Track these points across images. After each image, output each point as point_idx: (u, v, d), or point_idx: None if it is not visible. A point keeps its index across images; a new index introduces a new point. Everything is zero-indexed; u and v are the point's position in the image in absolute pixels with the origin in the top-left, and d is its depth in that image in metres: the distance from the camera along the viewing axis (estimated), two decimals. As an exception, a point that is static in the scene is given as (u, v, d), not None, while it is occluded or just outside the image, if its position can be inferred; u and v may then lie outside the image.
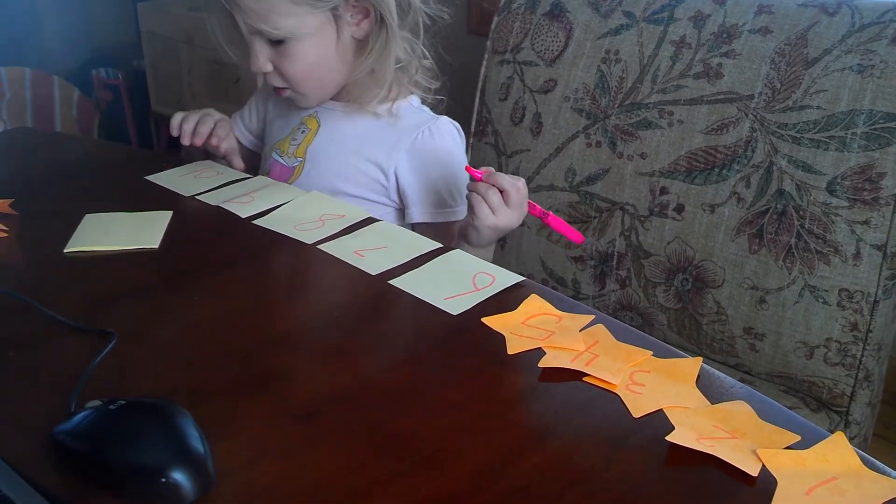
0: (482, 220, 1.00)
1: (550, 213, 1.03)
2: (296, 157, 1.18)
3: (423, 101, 1.20)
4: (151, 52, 2.76)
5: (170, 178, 1.10)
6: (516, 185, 1.00)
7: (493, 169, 1.02)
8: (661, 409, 0.67)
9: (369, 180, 1.15)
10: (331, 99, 1.18)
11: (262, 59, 1.09)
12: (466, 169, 1.01)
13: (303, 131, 1.19)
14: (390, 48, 1.10)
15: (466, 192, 1.02)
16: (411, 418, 0.67)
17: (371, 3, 1.07)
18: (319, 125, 1.19)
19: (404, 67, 1.14)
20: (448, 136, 1.16)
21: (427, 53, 1.16)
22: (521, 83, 1.43)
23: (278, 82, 1.12)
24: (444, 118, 1.18)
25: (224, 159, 1.20)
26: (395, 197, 1.17)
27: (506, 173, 1.02)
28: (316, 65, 1.10)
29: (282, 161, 1.19)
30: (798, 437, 0.64)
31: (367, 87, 1.15)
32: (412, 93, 1.18)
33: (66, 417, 0.62)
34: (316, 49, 1.09)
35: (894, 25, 1.14)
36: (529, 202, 1.03)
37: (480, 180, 1.00)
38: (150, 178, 1.10)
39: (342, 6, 1.07)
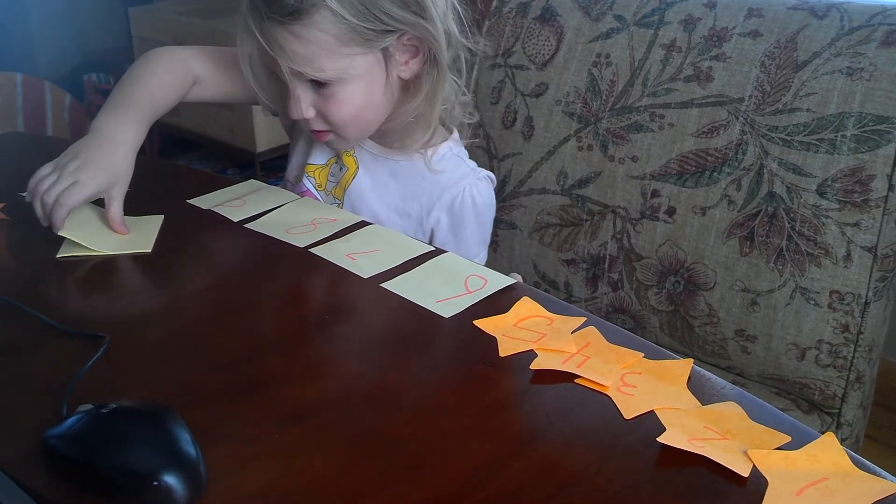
0: None
1: None
2: (334, 197, 1.14)
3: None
4: (143, 57, 2.75)
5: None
6: None
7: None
8: (652, 411, 0.67)
9: (405, 233, 1.09)
10: (369, 139, 1.12)
11: (305, 104, 1.01)
12: None
13: (341, 168, 1.13)
14: (439, 89, 1.04)
15: None
16: (403, 421, 0.67)
17: (424, 42, 1.01)
18: (358, 166, 1.13)
19: (447, 108, 1.09)
20: (486, 195, 1.12)
21: (466, 90, 1.10)
22: (513, 87, 1.43)
23: (321, 125, 1.05)
24: (483, 174, 1.13)
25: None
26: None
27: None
28: (363, 108, 1.03)
29: (316, 194, 1.14)
30: (789, 438, 0.64)
31: (411, 131, 1.09)
32: (450, 133, 1.13)
33: (58, 421, 0.62)
34: (364, 92, 1.01)
35: (883, 28, 1.15)
36: None
37: None
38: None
39: (393, 45, 1.00)
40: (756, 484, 0.60)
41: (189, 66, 1.13)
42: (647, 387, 0.70)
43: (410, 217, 1.13)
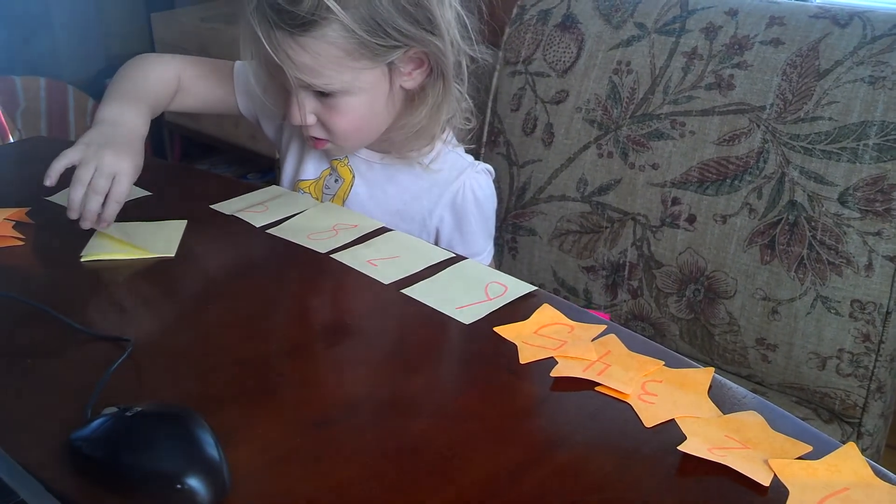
0: None
1: None
2: None
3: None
4: (165, 63, 2.77)
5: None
6: None
7: None
8: (673, 419, 0.67)
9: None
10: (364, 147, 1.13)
11: (306, 111, 1.00)
12: None
13: (336, 180, 1.13)
14: (444, 103, 1.04)
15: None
16: (424, 427, 0.67)
17: (431, 55, 1.00)
18: (353, 176, 1.13)
19: (449, 119, 1.08)
20: (487, 187, 1.13)
21: (467, 96, 1.09)
22: (533, 94, 1.43)
23: (321, 133, 1.04)
24: (481, 167, 1.13)
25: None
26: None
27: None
28: (365, 119, 1.03)
29: None
30: (810, 448, 0.64)
31: (411, 141, 1.08)
32: (443, 132, 1.11)
33: (83, 424, 0.63)
34: (367, 103, 1.01)
35: (906, 37, 1.14)
36: None
37: None
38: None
39: (399, 58, 0.99)
40: (777, 493, 0.60)
41: (175, 71, 1.14)
42: (668, 395, 0.70)
43: (413, 220, 1.12)
